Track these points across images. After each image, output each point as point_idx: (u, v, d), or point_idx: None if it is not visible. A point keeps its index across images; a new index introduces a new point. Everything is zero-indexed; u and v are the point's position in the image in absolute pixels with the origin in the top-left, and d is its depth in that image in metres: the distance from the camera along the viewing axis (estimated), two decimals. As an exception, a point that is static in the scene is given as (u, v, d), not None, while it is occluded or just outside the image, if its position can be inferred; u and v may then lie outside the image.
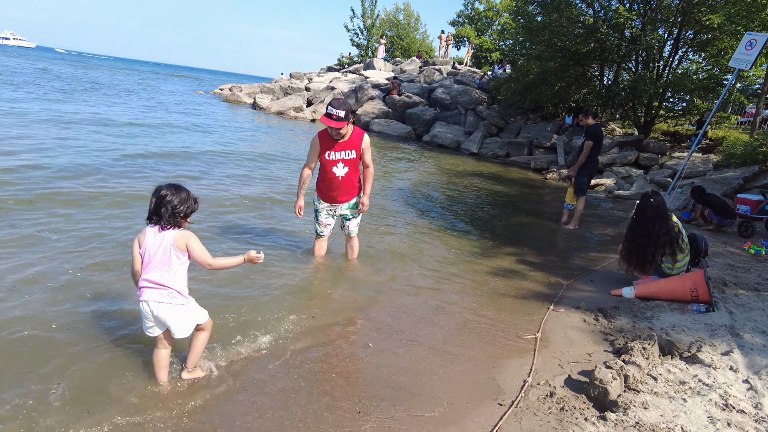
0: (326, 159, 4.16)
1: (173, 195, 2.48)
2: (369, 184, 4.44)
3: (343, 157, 4.17)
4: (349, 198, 4.43)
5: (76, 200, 5.47)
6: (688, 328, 3.64)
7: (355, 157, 4.23)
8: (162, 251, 2.46)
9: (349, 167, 4.23)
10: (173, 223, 2.48)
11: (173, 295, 2.48)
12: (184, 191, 2.54)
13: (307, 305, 3.78)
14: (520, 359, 3.25)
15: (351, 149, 4.18)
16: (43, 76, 25.36)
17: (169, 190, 2.49)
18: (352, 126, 4.15)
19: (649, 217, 4.45)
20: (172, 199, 2.47)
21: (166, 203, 2.45)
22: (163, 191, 2.48)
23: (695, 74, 13.67)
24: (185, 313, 2.53)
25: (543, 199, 10.21)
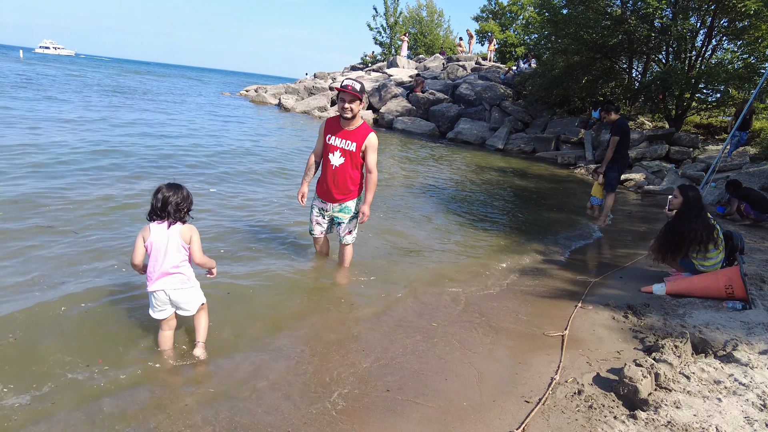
0: (326, 142, 4.01)
1: (175, 194, 2.73)
2: (370, 192, 4.05)
3: (342, 146, 3.96)
4: (342, 198, 4.10)
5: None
6: (723, 326, 3.53)
7: (354, 150, 3.95)
8: (173, 243, 2.73)
9: (345, 159, 3.97)
10: (178, 218, 2.74)
11: (185, 280, 2.79)
12: (184, 189, 2.79)
13: (335, 293, 3.83)
14: (547, 357, 3.22)
15: (353, 141, 3.95)
16: (87, 84, 26.20)
17: (171, 189, 2.74)
18: (362, 120, 4.02)
19: (692, 210, 4.35)
20: (176, 198, 2.72)
21: (171, 201, 2.71)
22: (165, 191, 2.72)
23: (730, 64, 13.18)
24: (195, 294, 2.85)
25: (571, 195, 10.02)
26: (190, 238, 2.78)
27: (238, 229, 5.19)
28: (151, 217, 2.74)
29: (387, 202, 7.21)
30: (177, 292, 2.77)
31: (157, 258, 2.72)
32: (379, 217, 6.31)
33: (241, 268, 4.21)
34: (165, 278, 2.73)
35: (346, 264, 4.40)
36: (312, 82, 25.96)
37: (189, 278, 2.82)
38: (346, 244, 4.30)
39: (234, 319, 3.33)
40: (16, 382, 2.47)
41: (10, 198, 5.19)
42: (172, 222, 2.73)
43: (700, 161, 11.90)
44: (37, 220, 4.68)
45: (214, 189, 6.78)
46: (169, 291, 2.75)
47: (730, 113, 14.77)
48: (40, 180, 6.06)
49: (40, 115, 11.38)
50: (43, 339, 2.87)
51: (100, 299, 3.36)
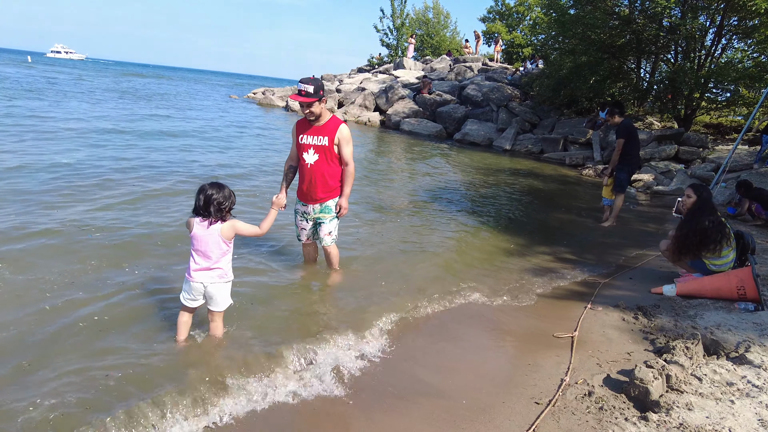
0: (299, 143, 3.90)
1: (218, 193, 2.82)
2: (347, 185, 3.94)
3: (314, 143, 3.84)
4: (322, 198, 3.96)
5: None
6: (735, 328, 3.49)
7: (326, 144, 3.83)
8: (213, 242, 2.84)
9: (320, 155, 3.86)
10: (219, 217, 2.84)
11: (222, 275, 2.92)
12: (226, 188, 2.87)
13: (337, 298, 3.84)
14: (557, 358, 3.20)
15: (324, 135, 3.83)
16: (105, 88, 26.46)
17: (213, 188, 2.83)
18: (330, 114, 3.90)
19: (706, 209, 4.31)
20: (218, 197, 2.81)
21: (213, 201, 2.80)
22: (208, 190, 2.82)
23: (740, 63, 13.06)
24: (228, 291, 2.97)
25: (579, 196, 9.97)
26: (233, 234, 2.91)
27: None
28: (196, 212, 2.86)
29: (393, 202, 7.21)
30: (213, 286, 2.91)
31: (198, 252, 2.86)
32: (385, 218, 6.32)
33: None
34: (204, 272, 2.88)
35: (335, 265, 4.27)
36: (319, 84, 26.03)
37: (227, 273, 2.95)
38: (327, 245, 4.14)
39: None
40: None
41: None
42: (213, 221, 2.83)
43: (709, 161, 11.79)
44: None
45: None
46: (206, 284, 2.89)
47: (740, 113, 14.63)
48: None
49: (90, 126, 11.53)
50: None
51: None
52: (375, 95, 21.79)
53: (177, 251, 4.35)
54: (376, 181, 8.58)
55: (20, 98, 15.70)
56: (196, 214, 2.86)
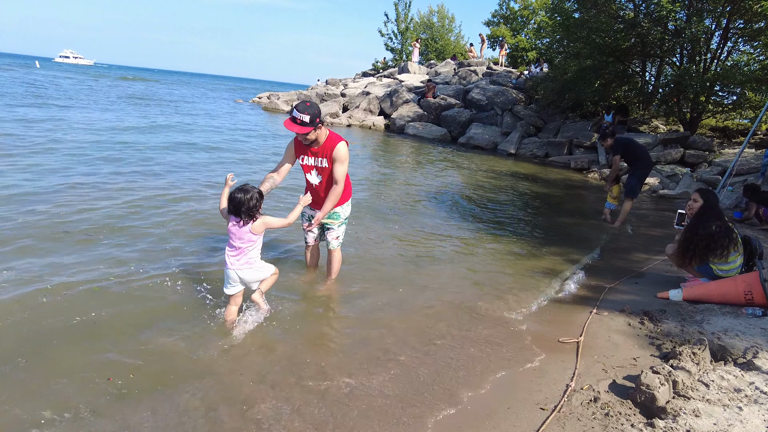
0: (301, 163, 3.88)
1: (246, 198, 3.15)
2: (329, 202, 3.76)
3: (316, 165, 3.82)
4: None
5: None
6: (743, 333, 3.46)
7: (327, 166, 3.80)
8: (246, 237, 3.24)
9: (323, 176, 3.86)
10: (250, 217, 3.20)
11: (252, 262, 3.33)
12: (251, 191, 3.19)
13: (344, 301, 3.84)
14: (563, 363, 3.19)
15: (322, 157, 3.78)
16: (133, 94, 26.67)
17: (241, 193, 3.16)
18: (327, 131, 3.77)
19: (713, 213, 4.29)
20: (247, 201, 3.15)
21: (243, 206, 3.15)
22: (237, 196, 3.15)
23: (746, 65, 12.99)
24: (262, 272, 3.41)
25: (584, 199, 9.94)
26: (263, 229, 3.30)
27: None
28: (229, 210, 3.23)
29: (398, 206, 7.21)
30: (244, 272, 3.31)
31: (233, 246, 3.28)
32: (391, 223, 6.32)
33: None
34: (236, 261, 3.29)
35: (336, 270, 4.26)
36: (324, 89, 26.12)
37: (255, 260, 3.35)
38: (334, 248, 4.16)
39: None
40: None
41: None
42: (245, 222, 3.20)
43: (715, 165, 11.72)
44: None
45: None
46: (239, 272, 3.30)
47: (747, 116, 14.55)
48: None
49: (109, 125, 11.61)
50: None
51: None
52: (379, 99, 21.83)
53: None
54: (380, 185, 8.59)
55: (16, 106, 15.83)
56: (230, 212, 3.23)
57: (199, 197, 6.56)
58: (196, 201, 6.33)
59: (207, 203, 6.27)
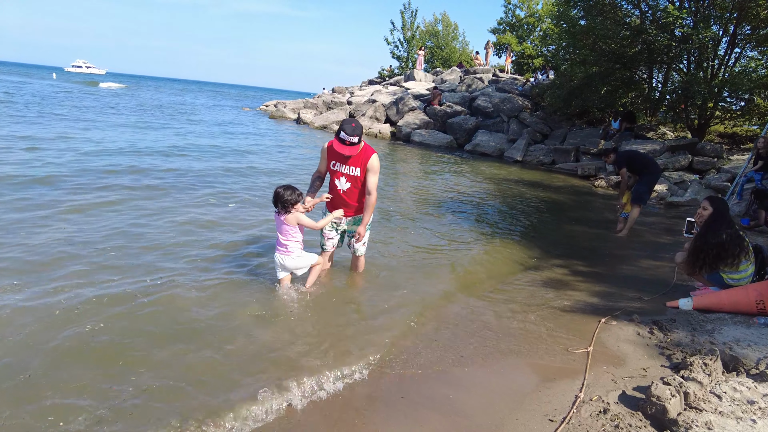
0: (331, 168, 4.07)
1: (283, 192, 3.75)
2: (368, 213, 4.10)
3: (347, 172, 4.03)
4: (353, 213, 4.23)
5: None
6: (755, 343, 3.41)
7: (359, 175, 4.03)
8: (283, 227, 3.87)
9: (352, 184, 4.06)
10: (285, 210, 3.79)
11: (292, 250, 3.91)
12: (290, 189, 3.78)
13: (350, 317, 3.83)
14: (572, 374, 3.15)
15: (356, 166, 4.00)
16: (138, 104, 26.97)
17: (282, 189, 3.78)
18: (363, 143, 3.98)
19: (723, 221, 4.24)
20: (284, 196, 3.75)
21: (280, 199, 3.77)
22: (278, 190, 3.79)
23: (754, 71, 12.90)
24: (301, 261, 3.97)
25: (591, 207, 9.88)
26: (296, 222, 3.84)
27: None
28: (273, 203, 3.85)
29: (405, 214, 7.20)
30: (286, 259, 3.92)
31: (277, 235, 3.94)
32: (398, 231, 6.31)
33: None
34: (279, 250, 3.94)
35: (361, 270, 4.57)
36: (330, 97, 26.27)
37: (294, 249, 3.91)
38: (361, 254, 4.43)
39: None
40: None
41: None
42: (282, 213, 3.80)
43: (724, 171, 11.62)
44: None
45: (233, 205, 6.88)
46: (281, 258, 3.93)
47: (755, 122, 14.42)
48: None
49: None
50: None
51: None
52: (386, 107, 21.90)
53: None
54: (387, 193, 8.59)
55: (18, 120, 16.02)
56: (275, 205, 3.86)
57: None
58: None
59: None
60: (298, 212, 3.83)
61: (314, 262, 4.05)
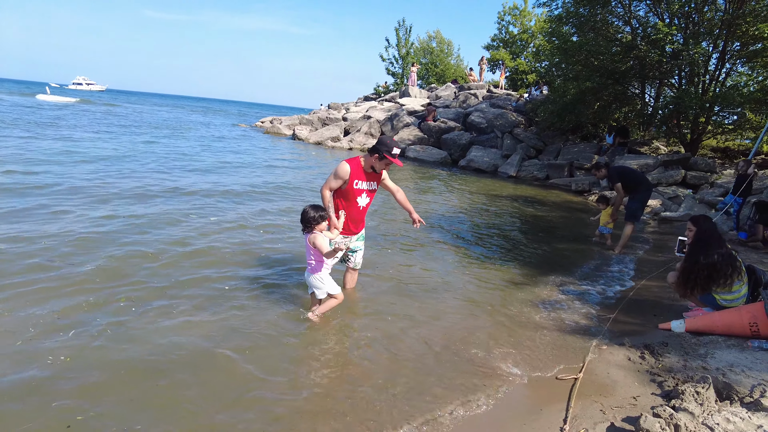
0: (353, 188, 4.10)
1: (309, 212, 3.79)
2: (409, 204, 4.42)
3: (367, 188, 4.20)
4: (361, 228, 4.40)
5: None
6: (749, 369, 3.29)
7: (376, 188, 4.29)
8: (307, 245, 3.86)
9: (370, 198, 4.28)
10: (308, 229, 3.82)
11: (313, 269, 3.90)
12: (313, 209, 3.80)
13: (333, 334, 3.70)
14: (560, 402, 3.02)
15: (375, 181, 4.24)
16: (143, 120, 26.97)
17: (308, 208, 3.82)
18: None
19: (717, 237, 4.16)
20: (306, 214, 3.79)
21: (304, 217, 3.80)
22: (305, 208, 3.81)
23: (745, 86, 12.97)
24: (319, 283, 3.91)
25: (584, 223, 9.78)
26: (312, 242, 3.79)
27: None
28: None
29: (395, 231, 7.10)
30: (308, 278, 3.96)
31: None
32: (387, 250, 6.20)
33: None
34: (307, 266, 3.95)
35: (354, 285, 4.69)
36: (326, 113, 26.35)
37: (314, 269, 3.90)
38: (358, 268, 4.57)
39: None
40: None
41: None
42: (306, 232, 3.84)
43: (718, 186, 11.60)
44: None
45: (215, 218, 6.77)
46: (306, 275, 3.99)
47: (747, 136, 14.46)
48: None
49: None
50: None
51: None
52: (380, 123, 21.95)
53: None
54: (379, 210, 8.50)
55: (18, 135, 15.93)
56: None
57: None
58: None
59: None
60: (317, 232, 3.81)
61: (333, 293, 3.94)
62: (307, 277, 3.97)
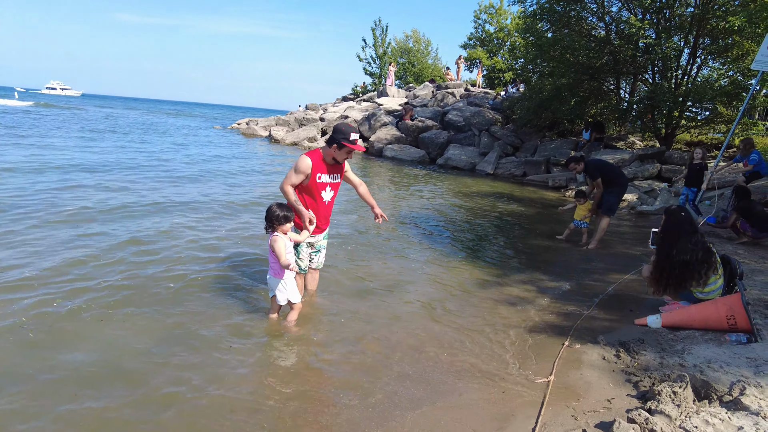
0: (317, 182, 3.89)
1: (272, 209, 3.54)
2: (372, 199, 4.23)
3: (331, 181, 4.00)
4: (327, 225, 4.19)
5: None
6: (728, 364, 3.13)
7: (339, 181, 4.09)
8: (269, 246, 3.58)
9: (334, 191, 4.08)
10: (271, 228, 3.57)
11: (274, 274, 3.64)
12: (279, 208, 3.54)
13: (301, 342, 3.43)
14: (531, 408, 2.81)
15: (338, 173, 4.04)
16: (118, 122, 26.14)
17: (274, 205, 3.56)
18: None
19: (686, 232, 3.99)
20: (269, 212, 3.54)
21: (267, 213, 3.55)
22: (271, 206, 3.56)
23: (716, 81, 13.07)
24: (282, 288, 3.64)
25: (560, 219, 9.65)
26: (272, 246, 3.53)
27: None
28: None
29: (367, 230, 6.86)
30: (270, 280, 3.70)
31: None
32: (349, 250, 5.95)
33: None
34: (269, 268, 3.69)
35: (316, 286, 4.42)
36: (302, 114, 25.97)
37: (277, 272, 3.62)
38: (320, 267, 4.35)
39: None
40: None
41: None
42: (270, 232, 3.58)
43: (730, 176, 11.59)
44: None
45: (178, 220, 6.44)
46: (268, 276, 3.70)
47: (720, 130, 14.59)
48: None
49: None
50: None
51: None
52: (358, 123, 21.68)
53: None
54: (352, 208, 8.24)
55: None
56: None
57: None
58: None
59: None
60: (279, 235, 3.54)
61: (294, 301, 3.71)
62: (269, 280, 3.72)
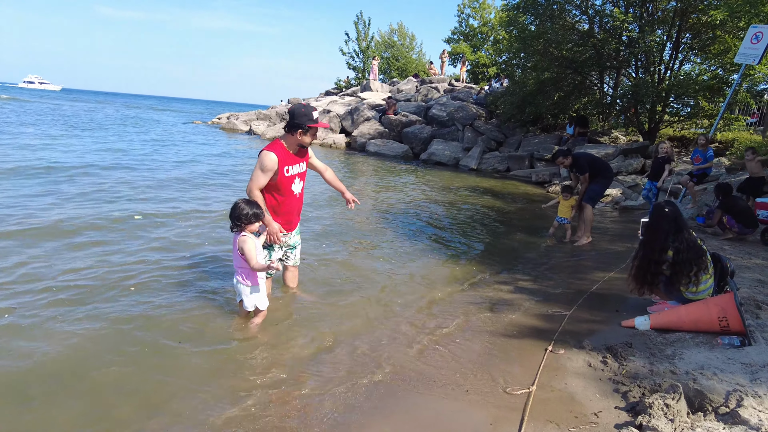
0: (285, 176, 3.65)
1: (238, 207, 3.25)
2: (341, 184, 4.09)
3: (299, 171, 3.78)
4: (299, 220, 4.01)
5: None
6: (722, 371, 2.90)
7: (305, 169, 3.90)
8: (234, 249, 3.33)
9: (303, 182, 3.87)
10: (238, 227, 3.29)
11: (241, 279, 3.37)
12: (247, 205, 3.27)
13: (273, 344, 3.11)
14: (510, 424, 2.53)
15: (304, 161, 3.84)
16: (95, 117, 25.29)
17: (241, 202, 3.30)
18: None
19: (666, 230, 3.75)
20: (235, 210, 3.26)
21: (233, 211, 3.27)
22: (238, 202, 3.28)
23: (699, 76, 13.01)
24: (248, 293, 3.39)
25: (542, 215, 9.46)
26: (241, 248, 3.25)
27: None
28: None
29: (342, 228, 6.55)
30: (236, 285, 3.40)
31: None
32: (324, 246, 5.65)
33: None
34: (235, 272, 3.39)
35: (296, 284, 4.23)
36: (284, 108, 25.49)
37: (243, 279, 3.36)
38: (297, 265, 4.17)
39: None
40: None
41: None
42: (236, 232, 3.31)
43: (676, 174, 11.51)
44: None
45: (140, 217, 6.06)
46: (234, 281, 3.41)
47: (702, 125, 14.56)
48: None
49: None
50: None
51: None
52: (340, 117, 21.32)
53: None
54: (336, 205, 7.91)
55: None
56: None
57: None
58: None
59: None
60: (247, 235, 3.29)
61: (261, 308, 3.48)
62: (236, 285, 3.42)
